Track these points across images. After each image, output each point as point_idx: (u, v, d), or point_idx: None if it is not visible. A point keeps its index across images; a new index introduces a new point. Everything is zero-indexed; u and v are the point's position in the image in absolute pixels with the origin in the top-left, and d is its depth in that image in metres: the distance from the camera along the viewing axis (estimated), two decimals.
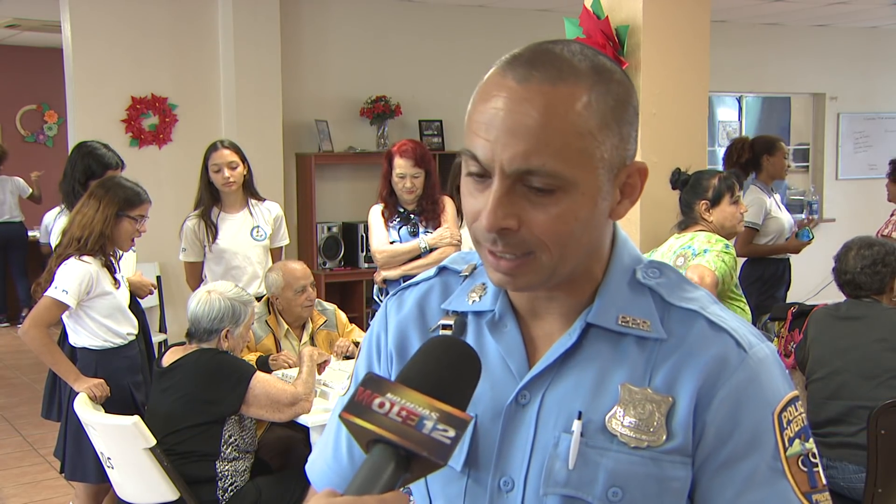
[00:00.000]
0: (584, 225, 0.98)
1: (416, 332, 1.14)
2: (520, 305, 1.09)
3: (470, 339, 1.10)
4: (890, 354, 3.33)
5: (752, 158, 5.53)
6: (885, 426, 3.04)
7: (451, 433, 0.82)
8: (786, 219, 5.48)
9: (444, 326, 1.11)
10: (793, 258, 5.65)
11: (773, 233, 5.39)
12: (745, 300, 3.49)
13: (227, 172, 4.36)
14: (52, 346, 3.63)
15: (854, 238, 3.61)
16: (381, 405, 0.84)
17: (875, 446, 3.06)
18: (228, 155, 4.38)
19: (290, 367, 3.85)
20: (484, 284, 1.12)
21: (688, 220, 3.53)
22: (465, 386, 0.91)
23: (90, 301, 3.61)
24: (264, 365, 3.78)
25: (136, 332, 3.82)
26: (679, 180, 3.63)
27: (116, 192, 3.66)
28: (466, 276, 1.15)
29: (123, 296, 3.77)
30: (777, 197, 5.58)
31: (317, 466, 1.23)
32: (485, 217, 0.96)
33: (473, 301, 1.11)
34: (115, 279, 3.68)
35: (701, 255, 3.33)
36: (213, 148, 4.42)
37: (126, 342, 3.75)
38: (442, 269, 1.18)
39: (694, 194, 3.49)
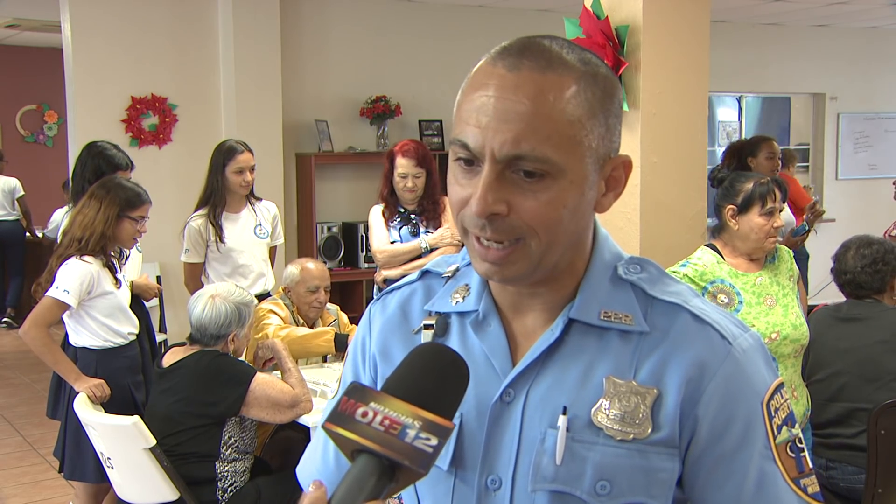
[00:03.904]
0: (571, 213, 0.99)
1: (398, 335, 1.15)
2: (503, 303, 1.09)
3: (454, 339, 1.11)
4: (891, 356, 3.31)
5: (739, 164, 5.52)
6: (884, 426, 3.04)
7: (434, 441, 0.82)
8: (786, 218, 5.47)
9: (427, 326, 1.11)
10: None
11: None
12: None
13: (248, 176, 4.46)
14: (53, 346, 3.63)
15: (852, 237, 3.58)
16: (365, 414, 0.84)
17: (875, 446, 3.05)
18: (251, 158, 4.49)
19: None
20: (467, 285, 1.12)
21: (718, 224, 3.22)
22: (451, 394, 0.90)
23: (91, 301, 3.61)
24: (343, 344, 3.88)
25: (136, 331, 3.82)
26: (716, 178, 3.29)
27: (118, 192, 3.67)
28: (449, 278, 1.15)
29: (124, 295, 3.77)
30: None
31: (306, 470, 1.24)
32: (475, 202, 0.97)
33: (457, 302, 1.12)
34: (116, 279, 3.68)
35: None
36: (233, 150, 4.46)
37: (127, 342, 3.75)
38: (425, 273, 1.19)
39: (724, 197, 3.15)
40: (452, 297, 1.12)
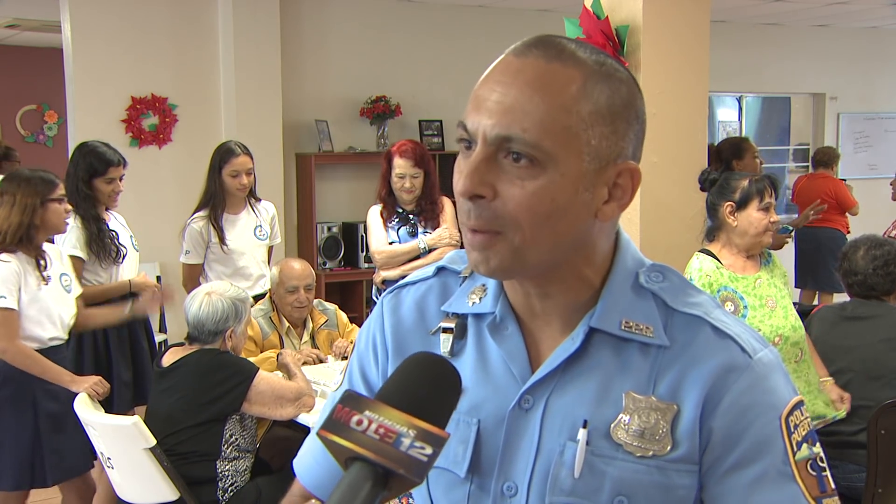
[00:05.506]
0: (561, 210, 0.96)
1: (416, 334, 1.13)
2: (518, 306, 1.07)
3: (470, 341, 1.09)
4: (895, 354, 3.32)
5: (724, 169, 5.50)
6: (884, 426, 3.04)
7: (429, 450, 0.82)
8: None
9: (445, 329, 1.10)
10: (792, 259, 5.65)
11: None
12: None
13: (244, 179, 4.44)
14: (35, 355, 3.44)
15: (860, 236, 3.55)
16: (359, 422, 0.84)
17: (875, 446, 3.05)
18: (248, 161, 4.46)
19: (313, 363, 3.93)
20: (484, 286, 1.10)
21: (713, 225, 3.27)
22: (445, 403, 0.90)
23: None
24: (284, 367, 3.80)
25: (64, 337, 3.59)
26: (707, 180, 3.34)
27: (31, 183, 3.49)
28: (466, 277, 1.13)
29: (51, 295, 3.51)
30: None
31: (304, 462, 1.24)
32: (460, 181, 0.96)
33: (473, 303, 1.10)
34: (42, 276, 3.47)
35: None
36: (230, 153, 4.44)
37: (46, 348, 3.48)
38: (440, 269, 1.16)
39: (720, 195, 3.22)
40: (469, 298, 1.10)
